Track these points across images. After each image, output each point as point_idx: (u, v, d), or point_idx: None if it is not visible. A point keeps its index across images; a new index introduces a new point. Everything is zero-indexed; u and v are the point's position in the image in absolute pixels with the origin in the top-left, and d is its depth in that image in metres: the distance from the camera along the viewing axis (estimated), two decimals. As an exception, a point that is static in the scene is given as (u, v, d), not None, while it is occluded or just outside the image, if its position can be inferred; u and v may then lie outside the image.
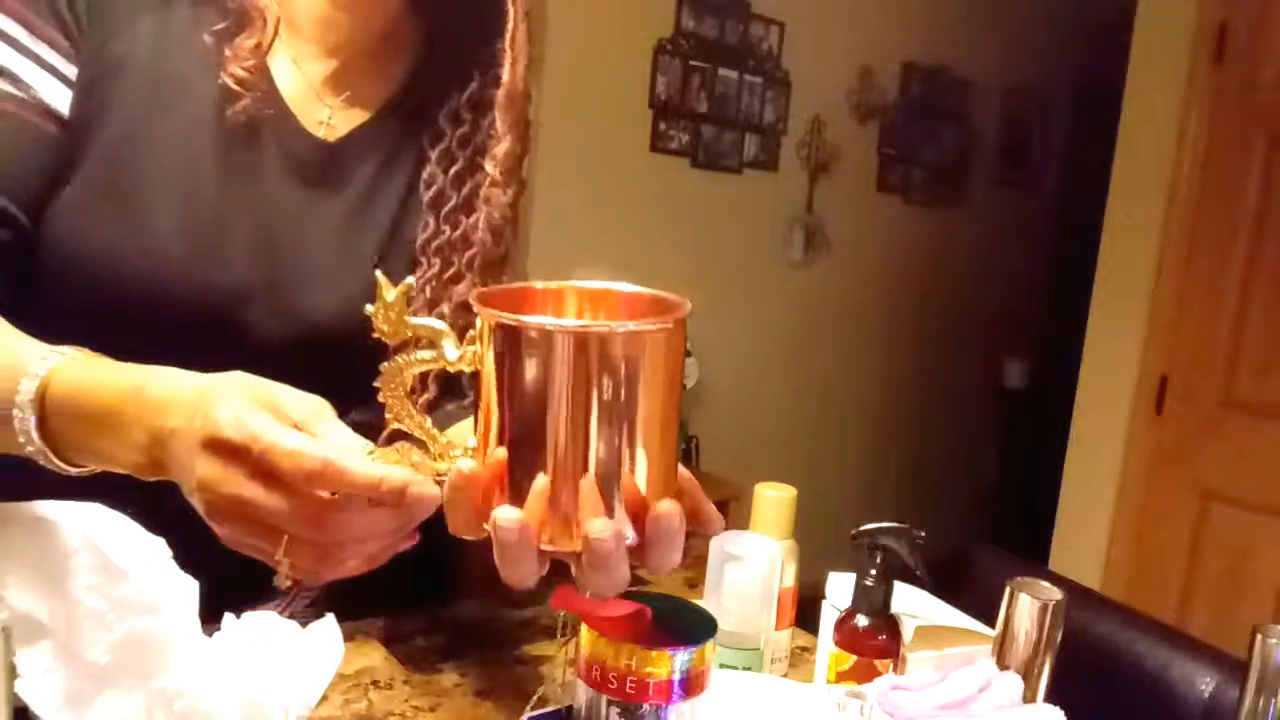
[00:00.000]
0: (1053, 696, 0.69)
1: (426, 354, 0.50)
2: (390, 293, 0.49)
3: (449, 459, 0.50)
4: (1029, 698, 0.68)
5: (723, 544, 0.80)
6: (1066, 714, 0.66)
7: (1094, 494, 2.63)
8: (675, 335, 0.46)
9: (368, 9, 0.79)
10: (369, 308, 0.50)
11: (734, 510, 3.00)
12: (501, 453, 0.46)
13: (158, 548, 0.61)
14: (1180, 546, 2.50)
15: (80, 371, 0.57)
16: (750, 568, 0.78)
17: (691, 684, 0.55)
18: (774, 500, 0.84)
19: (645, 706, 0.54)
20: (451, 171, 0.82)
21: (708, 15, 3.12)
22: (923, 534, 0.75)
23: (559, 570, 0.50)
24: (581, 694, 0.56)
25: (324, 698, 0.78)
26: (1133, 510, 2.58)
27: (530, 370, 0.44)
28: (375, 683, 0.81)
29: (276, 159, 0.78)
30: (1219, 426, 2.45)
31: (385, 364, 0.50)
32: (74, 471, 0.60)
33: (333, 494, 0.50)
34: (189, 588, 0.62)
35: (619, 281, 0.52)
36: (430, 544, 1.04)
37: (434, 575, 1.01)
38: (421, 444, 0.51)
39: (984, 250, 4.09)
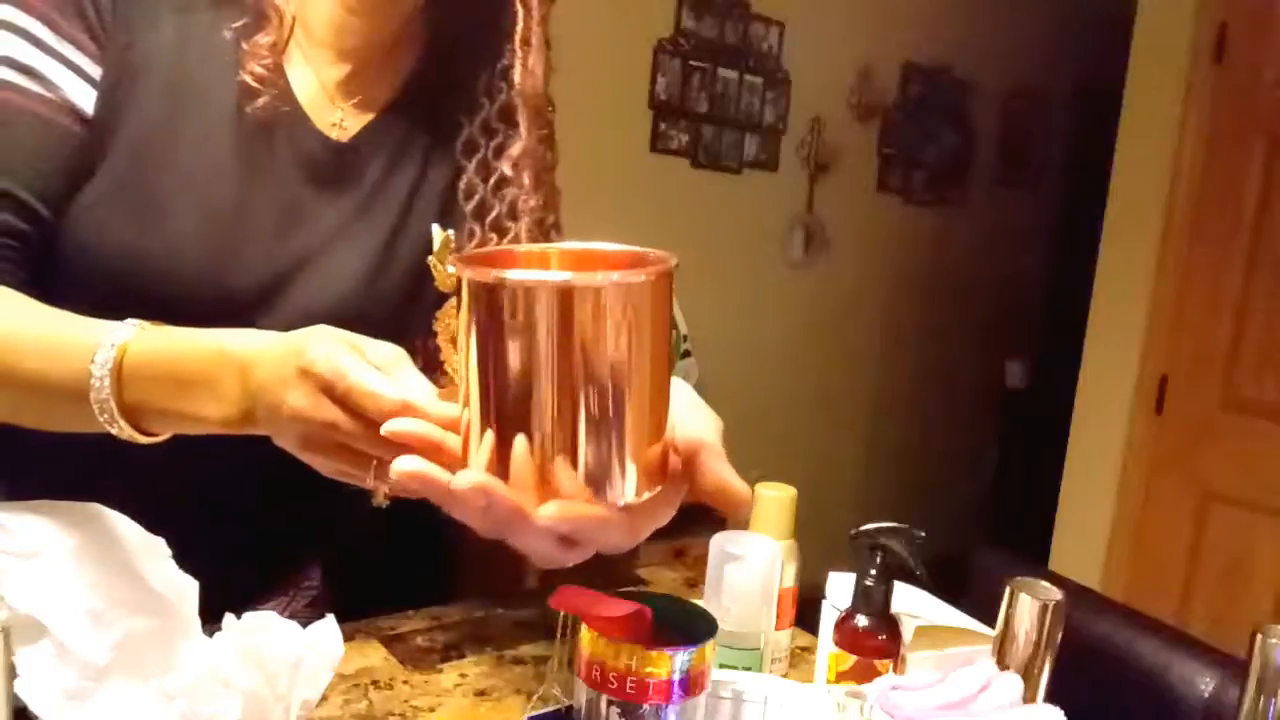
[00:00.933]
0: (1053, 696, 0.69)
1: None
2: (437, 242, 0.51)
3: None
4: (1029, 698, 0.68)
5: (723, 544, 0.80)
6: (1066, 714, 0.66)
7: (1094, 494, 2.63)
8: (660, 289, 0.45)
9: (381, 14, 0.80)
10: (430, 258, 0.52)
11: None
12: (489, 440, 0.44)
13: (158, 547, 0.61)
14: (1180, 546, 2.50)
15: (155, 339, 0.59)
16: (750, 568, 0.78)
17: (691, 684, 0.55)
18: (774, 500, 0.84)
19: (645, 706, 0.54)
20: (491, 180, 0.82)
21: (708, 15, 3.12)
22: (923, 534, 0.75)
23: (557, 571, 0.50)
24: (581, 694, 0.56)
25: (324, 698, 0.78)
26: (1133, 510, 2.58)
27: (513, 330, 0.42)
28: (375, 683, 0.81)
29: (291, 159, 0.79)
30: (1219, 426, 2.45)
31: (440, 311, 0.52)
32: (146, 440, 0.61)
33: None
34: (189, 587, 0.62)
35: (601, 241, 0.52)
36: (430, 544, 1.04)
37: (434, 575, 1.01)
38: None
39: (984, 250, 4.09)
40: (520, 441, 0.43)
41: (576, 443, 0.43)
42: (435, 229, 0.51)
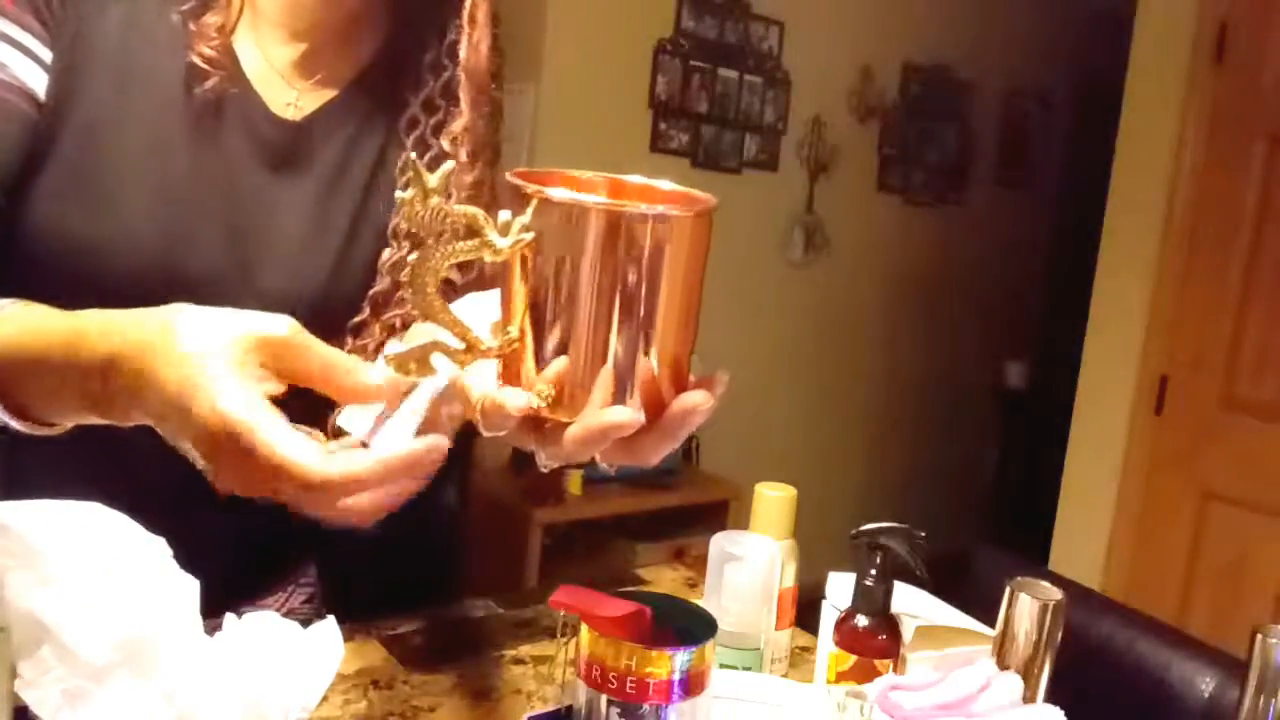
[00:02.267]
0: (1053, 696, 0.69)
1: (467, 244, 0.48)
2: (432, 177, 0.47)
3: (483, 353, 0.50)
4: (1029, 698, 0.68)
5: (723, 544, 0.80)
6: (1066, 714, 0.66)
7: (1094, 494, 2.63)
8: (700, 227, 0.49)
9: None
10: (401, 194, 0.48)
11: (734, 510, 3.00)
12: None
13: (158, 547, 0.61)
14: (1180, 546, 2.50)
15: (14, 323, 0.59)
16: (750, 568, 0.78)
17: (691, 684, 0.55)
18: (774, 500, 0.84)
19: (645, 706, 0.54)
20: (428, 156, 0.81)
21: (708, 15, 3.12)
22: (923, 534, 0.75)
23: (558, 571, 0.50)
24: (581, 694, 0.56)
25: (324, 698, 0.78)
26: (1133, 510, 2.58)
27: (560, 246, 0.47)
28: (375, 683, 0.81)
29: (243, 141, 0.78)
30: (1219, 426, 2.45)
31: (414, 256, 0.49)
32: (42, 431, 0.61)
33: None
34: (189, 587, 0.62)
35: (654, 179, 0.55)
36: (430, 544, 1.04)
37: (434, 575, 1.01)
38: (446, 345, 0.51)
39: (984, 250, 4.09)
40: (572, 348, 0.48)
41: (620, 357, 0.48)
42: (414, 159, 0.48)
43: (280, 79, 0.80)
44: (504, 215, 0.49)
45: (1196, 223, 2.47)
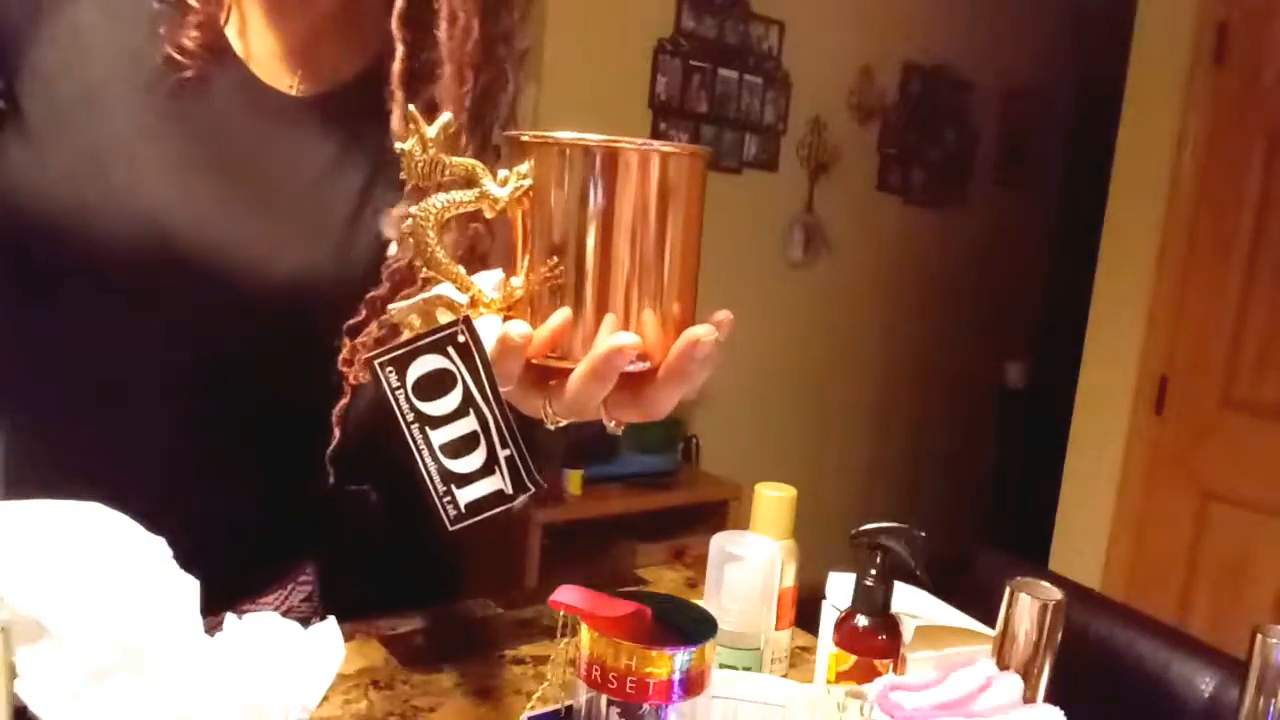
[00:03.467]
0: (1053, 696, 0.69)
1: (466, 194, 0.49)
2: (431, 128, 0.48)
3: (487, 306, 0.50)
4: (1029, 698, 0.68)
5: (723, 544, 0.80)
6: (1066, 714, 0.66)
7: (1094, 494, 2.63)
8: (696, 166, 0.50)
9: None
10: (400, 145, 0.48)
11: (734, 510, 3.00)
12: (562, 316, 0.48)
13: (158, 547, 0.61)
14: (1180, 546, 2.50)
15: None
16: (750, 568, 0.78)
17: (691, 684, 0.55)
18: (774, 500, 0.84)
19: (645, 706, 0.54)
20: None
21: (708, 15, 3.12)
22: (923, 534, 0.75)
23: (558, 571, 0.50)
24: (581, 694, 0.56)
25: (324, 698, 0.78)
26: (1133, 510, 2.58)
27: (560, 189, 0.48)
28: (375, 683, 0.81)
29: (242, 115, 0.78)
30: (1219, 426, 2.45)
31: (415, 206, 0.49)
32: None
33: None
34: (190, 587, 0.62)
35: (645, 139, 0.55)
36: (431, 544, 1.04)
37: (434, 575, 1.01)
38: (450, 299, 0.50)
39: (984, 250, 4.09)
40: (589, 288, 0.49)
41: (626, 299, 0.49)
42: (413, 110, 0.48)
43: (279, 64, 0.80)
44: (503, 173, 0.49)
45: (1196, 223, 2.47)
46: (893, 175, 3.76)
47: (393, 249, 0.80)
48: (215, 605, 0.89)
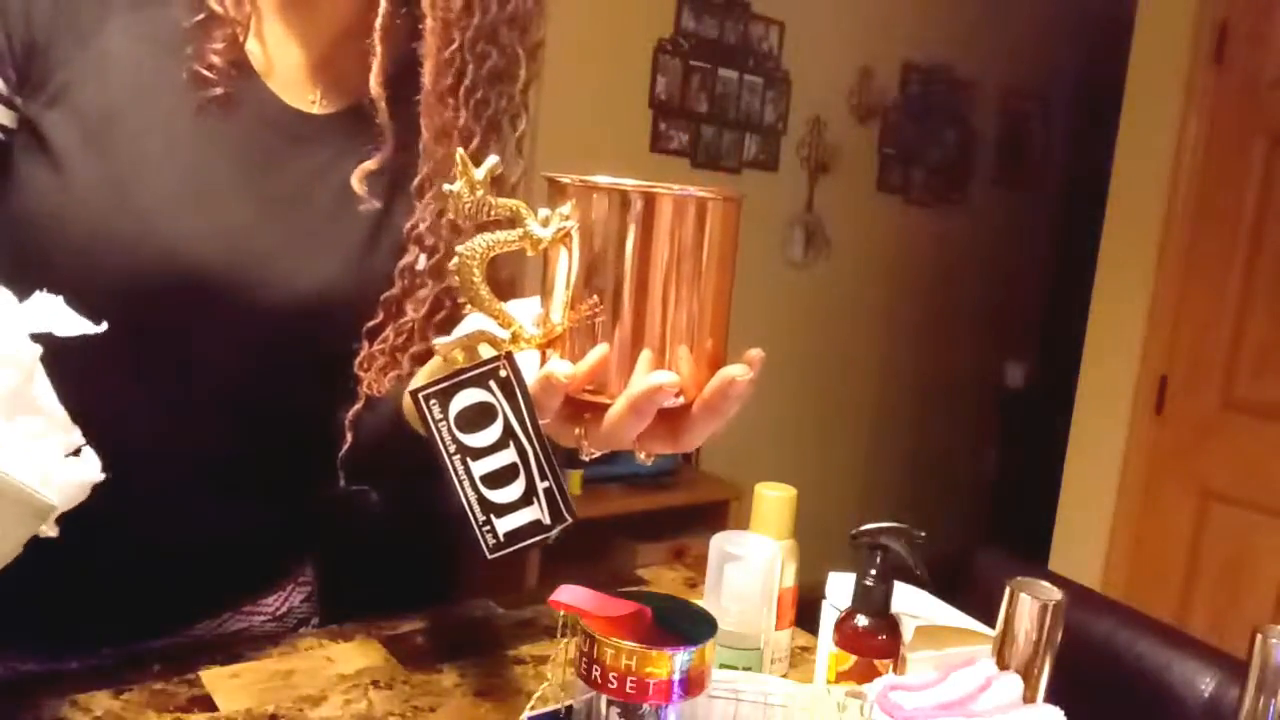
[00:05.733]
0: (1053, 696, 0.69)
1: (510, 234, 0.51)
2: (479, 171, 0.50)
3: (527, 342, 0.52)
4: (1029, 698, 0.68)
5: (723, 544, 0.80)
6: (1066, 714, 0.66)
7: (1094, 494, 2.63)
8: (731, 212, 0.51)
9: None
10: (448, 187, 0.50)
11: (734, 510, 3.00)
12: (599, 350, 0.50)
13: None
14: (1180, 546, 2.50)
15: None
16: (750, 568, 0.78)
17: (691, 684, 0.55)
18: (774, 500, 0.84)
19: (645, 706, 0.54)
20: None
21: (708, 15, 3.12)
22: (923, 534, 0.75)
23: (558, 571, 0.50)
24: (581, 694, 0.56)
25: (324, 698, 0.78)
26: (1133, 510, 2.58)
27: (600, 232, 0.49)
28: (375, 683, 0.81)
29: (264, 136, 0.78)
30: (1219, 426, 2.45)
31: (461, 245, 0.51)
32: None
33: None
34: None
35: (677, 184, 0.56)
36: (430, 544, 1.04)
37: (434, 575, 1.01)
38: (493, 334, 0.52)
39: (984, 250, 4.09)
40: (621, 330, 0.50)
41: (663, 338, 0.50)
42: (462, 154, 0.50)
43: (300, 79, 0.80)
44: (544, 212, 0.51)
45: (1196, 223, 2.47)
46: (893, 175, 3.76)
47: (404, 259, 0.80)
48: (216, 606, 0.89)
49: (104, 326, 0.57)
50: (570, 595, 0.56)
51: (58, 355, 0.65)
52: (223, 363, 0.78)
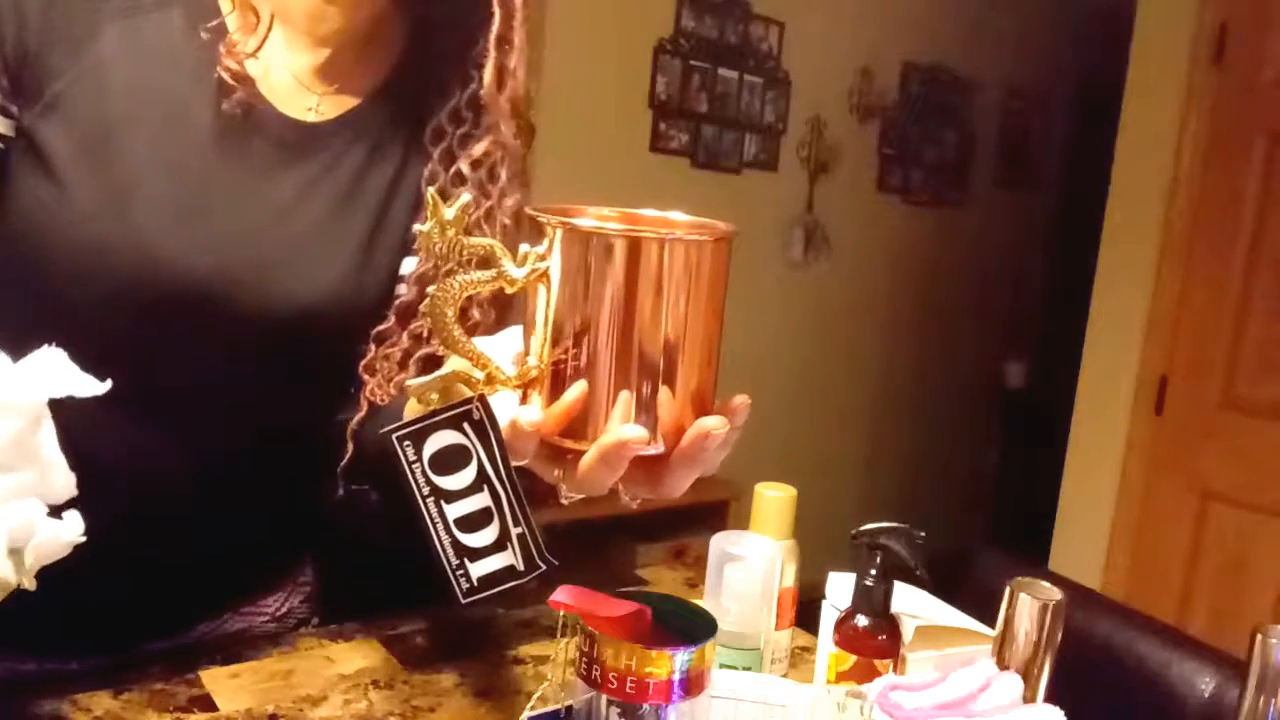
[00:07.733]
0: (1053, 696, 0.69)
1: (484, 274, 0.49)
2: (449, 210, 0.48)
3: (503, 383, 0.51)
4: (1029, 698, 0.68)
5: (723, 544, 0.80)
6: (1066, 714, 0.66)
7: (1094, 494, 2.63)
8: (720, 252, 0.49)
9: (358, 1, 0.79)
10: (419, 227, 0.49)
11: (734, 510, 3.00)
12: (576, 390, 0.48)
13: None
14: (1180, 546, 2.50)
15: None
16: (750, 568, 0.78)
17: (691, 684, 0.55)
18: (774, 500, 0.84)
19: (645, 706, 0.54)
20: (453, 170, 0.81)
21: (708, 15, 3.12)
22: (923, 534, 0.75)
23: (558, 571, 0.51)
24: (581, 694, 0.56)
25: (324, 698, 0.78)
26: (1133, 510, 2.58)
27: (581, 274, 0.47)
28: (375, 683, 0.81)
29: (262, 146, 0.78)
30: (1219, 426, 2.45)
31: (433, 287, 0.49)
32: None
33: None
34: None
35: (667, 210, 0.55)
36: (430, 544, 1.04)
37: (434, 575, 1.01)
38: (468, 375, 0.51)
39: (984, 250, 4.09)
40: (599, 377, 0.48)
41: (640, 384, 0.48)
42: (432, 193, 0.49)
43: (301, 85, 0.80)
44: (524, 248, 0.49)
45: (1196, 222, 2.47)
46: (893, 175, 3.75)
47: (413, 264, 0.80)
48: (216, 607, 0.89)
49: (108, 385, 0.56)
50: (570, 595, 0.56)
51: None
52: (221, 370, 0.78)
